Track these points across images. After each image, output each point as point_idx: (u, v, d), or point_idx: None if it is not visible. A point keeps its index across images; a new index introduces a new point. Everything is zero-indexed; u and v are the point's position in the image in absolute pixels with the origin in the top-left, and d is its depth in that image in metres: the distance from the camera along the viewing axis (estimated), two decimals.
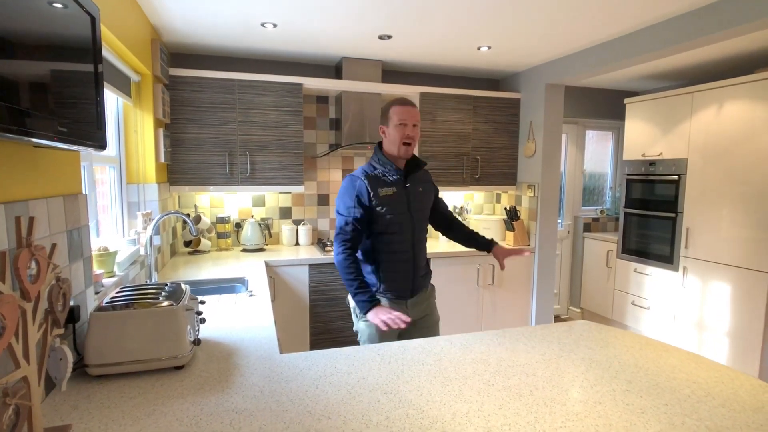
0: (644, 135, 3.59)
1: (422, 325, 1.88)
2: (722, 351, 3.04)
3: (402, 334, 1.83)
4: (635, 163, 3.67)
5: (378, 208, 1.73)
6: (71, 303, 1.15)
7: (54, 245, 0.88)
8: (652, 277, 3.53)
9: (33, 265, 0.78)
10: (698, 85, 3.17)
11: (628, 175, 3.74)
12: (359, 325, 1.81)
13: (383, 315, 1.63)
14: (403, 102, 1.73)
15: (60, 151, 1.18)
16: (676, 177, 3.33)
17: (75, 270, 1.22)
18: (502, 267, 1.97)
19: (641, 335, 1.50)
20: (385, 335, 1.73)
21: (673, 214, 3.36)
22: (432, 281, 3.01)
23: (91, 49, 1.08)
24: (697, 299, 3.19)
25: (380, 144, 1.81)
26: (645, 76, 3.66)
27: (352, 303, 1.83)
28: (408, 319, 1.62)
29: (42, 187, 1.08)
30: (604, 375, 1.18)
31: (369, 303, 1.68)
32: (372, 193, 1.72)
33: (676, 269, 3.33)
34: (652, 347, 1.38)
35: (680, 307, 3.32)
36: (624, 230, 3.77)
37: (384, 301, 1.78)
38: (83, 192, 1.34)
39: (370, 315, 1.66)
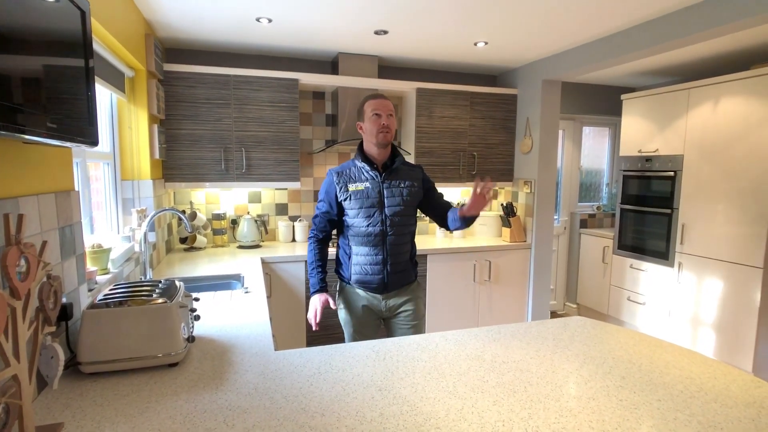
0: (641, 131, 3.59)
1: (403, 322, 1.89)
2: (716, 346, 3.06)
3: (387, 326, 1.94)
4: (632, 159, 3.68)
5: (345, 202, 1.80)
6: (64, 300, 1.14)
7: (44, 242, 0.87)
8: (648, 273, 3.54)
9: (22, 262, 0.78)
10: (694, 81, 3.17)
11: (624, 171, 3.75)
12: (338, 313, 1.93)
13: (314, 304, 1.80)
14: (375, 96, 1.80)
15: (51, 147, 1.17)
16: (672, 173, 3.33)
17: (67, 267, 1.21)
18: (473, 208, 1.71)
19: (635, 331, 1.50)
20: (362, 326, 1.86)
21: (668, 210, 3.37)
22: (428, 278, 3.02)
23: (82, 44, 1.07)
24: (692, 295, 3.21)
25: (361, 144, 1.86)
26: (642, 72, 3.66)
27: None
28: (315, 327, 1.80)
29: (32, 183, 1.07)
30: (598, 371, 1.19)
31: (313, 287, 1.83)
32: (340, 188, 1.80)
33: (672, 265, 3.35)
34: (646, 343, 1.39)
35: (675, 302, 3.33)
36: (620, 226, 3.78)
37: (360, 292, 1.86)
38: (76, 188, 1.33)
39: (311, 299, 1.83)
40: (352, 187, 1.79)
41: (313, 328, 1.81)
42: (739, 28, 2.12)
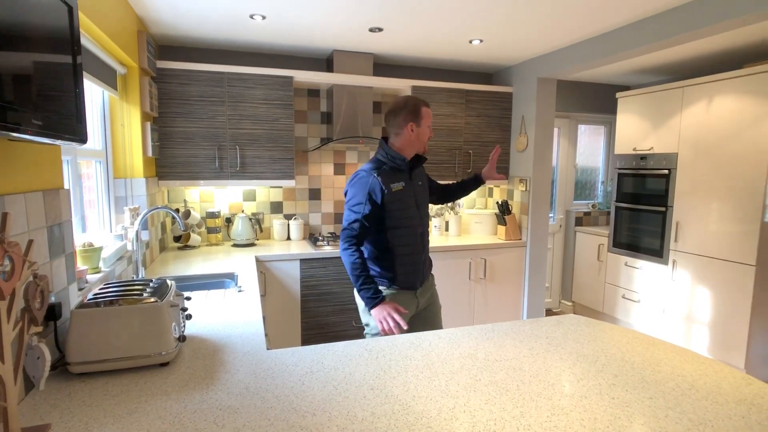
0: (635, 129, 3.60)
1: (427, 314, 1.94)
2: (710, 343, 3.07)
3: (409, 325, 1.90)
4: (626, 158, 3.68)
5: (391, 204, 1.76)
6: (52, 300, 1.13)
7: (30, 241, 0.86)
8: (643, 271, 3.56)
9: (6, 261, 0.77)
10: (688, 79, 3.18)
11: (619, 169, 3.75)
12: (368, 317, 1.82)
13: (384, 316, 1.68)
14: (428, 104, 1.86)
15: (38, 144, 1.15)
16: (666, 171, 3.34)
17: (56, 266, 1.20)
18: (497, 175, 2.14)
19: (629, 329, 1.51)
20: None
21: (663, 208, 3.38)
22: None
23: (69, 40, 1.05)
24: (686, 292, 3.22)
25: (385, 139, 1.87)
26: (636, 71, 3.67)
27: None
28: (405, 327, 1.67)
29: (19, 181, 1.05)
30: (590, 369, 1.19)
31: (373, 299, 1.71)
32: (386, 190, 1.74)
33: (666, 263, 3.36)
34: (639, 341, 1.39)
35: (669, 300, 3.35)
36: (615, 224, 3.79)
37: (395, 292, 1.83)
38: (65, 187, 1.31)
39: (374, 312, 1.70)
40: (394, 188, 1.78)
41: (404, 327, 1.68)
42: (732, 26, 2.12)
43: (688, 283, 3.21)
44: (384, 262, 1.81)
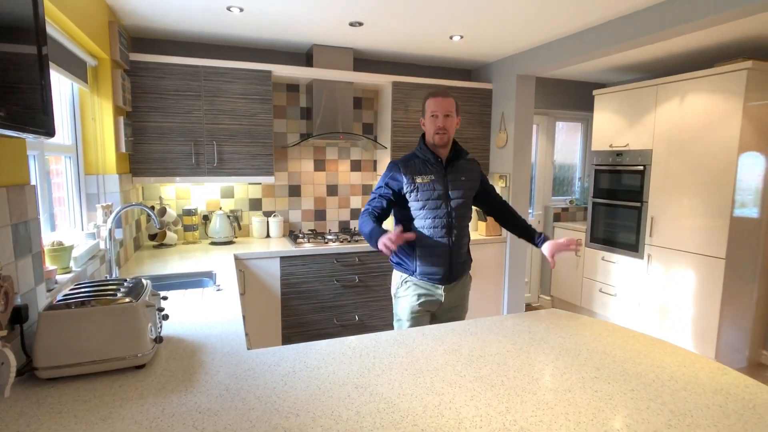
0: (612, 126, 3.68)
1: (450, 317, 1.93)
2: (682, 334, 3.17)
3: (433, 321, 1.93)
4: (603, 154, 3.76)
5: (411, 194, 1.80)
6: (18, 302, 1.07)
7: None
8: (619, 265, 3.64)
9: None
10: (662, 77, 3.26)
11: (596, 165, 3.83)
12: (396, 304, 1.91)
13: (384, 242, 1.58)
14: (435, 94, 1.81)
15: (1, 137, 1.09)
16: (641, 167, 3.43)
17: (22, 267, 1.13)
18: (552, 265, 1.84)
19: (609, 322, 1.53)
20: (418, 320, 1.85)
21: (638, 204, 3.46)
22: None
23: (33, 29, 0.99)
24: (661, 285, 3.32)
25: (423, 135, 1.90)
26: (613, 68, 3.74)
27: (392, 288, 1.94)
28: (393, 247, 1.56)
29: None
30: (573, 363, 1.20)
31: (378, 233, 1.64)
32: (406, 179, 1.80)
33: (641, 257, 3.45)
34: (619, 334, 1.42)
35: (645, 293, 3.44)
36: (592, 219, 3.87)
37: (418, 280, 1.85)
38: (32, 183, 1.25)
39: (379, 244, 1.61)
40: (419, 180, 1.80)
41: (392, 247, 1.57)
42: (704, 26, 2.18)
43: (662, 276, 3.30)
44: (408, 249, 1.86)
